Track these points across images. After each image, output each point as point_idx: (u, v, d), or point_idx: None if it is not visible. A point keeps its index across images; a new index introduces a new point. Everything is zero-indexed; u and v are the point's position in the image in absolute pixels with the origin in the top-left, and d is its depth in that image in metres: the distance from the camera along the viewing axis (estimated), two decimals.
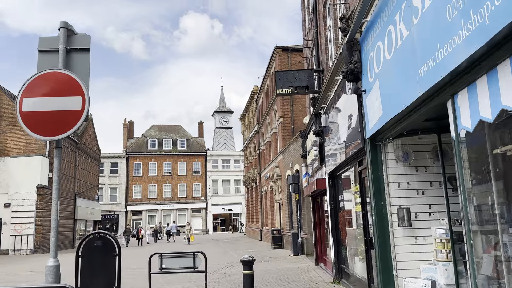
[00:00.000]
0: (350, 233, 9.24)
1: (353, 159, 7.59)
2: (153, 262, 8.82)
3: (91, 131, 39.77)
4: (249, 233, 40.98)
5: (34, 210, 26.63)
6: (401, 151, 5.86)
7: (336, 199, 10.11)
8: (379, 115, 5.29)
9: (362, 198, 7.31)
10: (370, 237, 7.08)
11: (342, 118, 7.90)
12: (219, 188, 61.75)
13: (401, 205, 5.80)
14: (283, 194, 24.36)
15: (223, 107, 68.37)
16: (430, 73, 3.68)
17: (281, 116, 24.51)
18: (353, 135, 7.10)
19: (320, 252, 13.96)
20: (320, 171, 11.71)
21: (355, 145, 6.95)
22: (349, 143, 7.51)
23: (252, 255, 19.36)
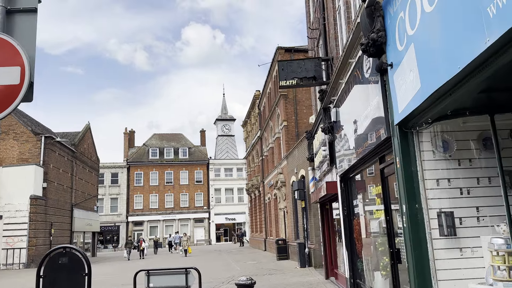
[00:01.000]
0: (368, 244, 7.97)
1: (373, 155, 6.36)
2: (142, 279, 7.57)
3: (89, 139, 38.69)
4: (253, 243, 39.57)
5: (27, 222, 25.41)
6: (440, 140, 4.62)
7: (349, 204, 8.85)
8: (415, 90, 4.07)
9: (385, 202, 6.06)
10: (397, 249, 5.82)
11: (358, 107, 6.68)
12: (222, 197, 60.39)
13: (442, 209, 4.55)
14: (287, 202, 23.06)
15: (225, 115, 67.30)
16: (509, 8, 2.46)
17: (285, 120, 23.32)
18: (372, 125, 5.88)
19: (330, 264, 12.65)
20: (329, 173, 10.47)
21: (376, 137, 5.72)
22: (367, 136, 6.28)
23: (256, 266, 18.00)
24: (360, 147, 6.72)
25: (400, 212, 4.94)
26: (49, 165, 27.97)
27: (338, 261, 11.73)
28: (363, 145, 6.62)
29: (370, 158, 6.66)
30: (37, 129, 29.03)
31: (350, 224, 8.86)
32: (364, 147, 6.59)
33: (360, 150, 6.79)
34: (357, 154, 7.16)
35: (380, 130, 5.50)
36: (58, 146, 29.84)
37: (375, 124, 5.77)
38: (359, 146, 7.00)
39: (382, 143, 5.56)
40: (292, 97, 23.47)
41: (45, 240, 26.75)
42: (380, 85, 5.20)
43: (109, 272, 20.22)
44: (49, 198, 27.69)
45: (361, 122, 6.55)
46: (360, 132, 6.71)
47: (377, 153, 6.19)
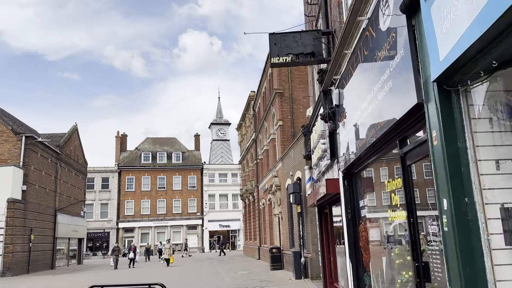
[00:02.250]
0: (378, 254, 6.44)
1: (390, 137, 4.85)
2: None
3: (76, 141, 37.02)
4: (247, 251, 37.86)
5: (3, 227, 23.67)
6: (503, 102, 3.11)
7: (354, 205, 7.33)
8: (469, 21, 2.57)
9: (408, 199, 4.53)
10: (424, 263, 4.29)
11: (370, 78, 5.18)
12: (216, 204, 58.64)
13: (506, 204, 3.03)
14: (282, 207, 21.50)
15: (220, 119, 65.80)
16: None
17: (280, 119, 21.83)
18: (391, 96, 4.38)
19: (329, 277, 11.08)
20: (330, 170, 8.95)
21: (397, 110, 4.21)
22: (381, 114, 4.77)
23: (247, 277, 16.32)
24: (373, 129, 5.20)
25: (439, 210, 3.42)
26: (30, 166, 26.29)
27: (339, 273, 10.17)
28: (375, 127, 5.11)
29: (385, 143, 5.14)
30: (19, 129, 27.40)
31: (355, 230, 7.33)
32: (376, 130, 5.08)
33: (372, 133, 5.27)
34: (366, 141, 5.65)
35: (404, 99, 3.99)
36: (40, 147, 28.19)
37: (395, 93, 4.26)
38: (369, 130, 5.49)
39: (406, 117, 4.06)
40: (288, 95, 22.02)
41: (23, 246, 24.98)
42: (407, 32, 3.70)
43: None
44: (29, 201, 25.97)
45: (373, 96, 5.04)
46: (372, 111, 5.20)
47: (396, 134, 4.67)
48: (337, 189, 7.88)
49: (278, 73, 22.22)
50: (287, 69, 22.32)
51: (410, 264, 4.91)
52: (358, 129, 6.09)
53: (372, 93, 5.09)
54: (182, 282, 16.68)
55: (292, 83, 22.12)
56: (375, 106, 5.01)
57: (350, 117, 6.60)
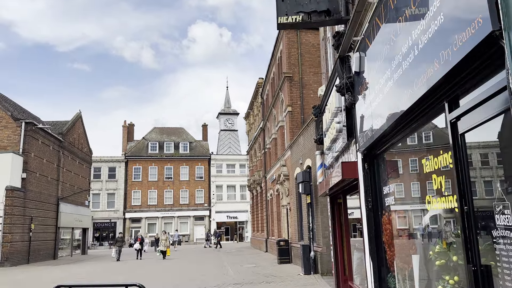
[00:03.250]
0: (407, 251, 5.28)
1: (433, 99, 3.65)
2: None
3: (79, 129, 36.16)
4: (254, 244, 36.89)
5: (1, 215, 22.89)
6: None
7: (377, 193, 6.14)
8: None
9: (460, 181, 3.33)
10: (485, 266, 3.12)
11: (406, 22, 3.95)
12: (223, 195, 57.70)
13: None
14: (291, 198, 20.36)
15: (228, 109, 64.64)
16: None
17: (289, 105, 20.60)
18: (443, 37, 3.16)
19: (342, 274, 9.93)
20: (346, 153, 7.76)
21: (450, 56, 3.00)
22: (424, 65, 3.56)
23: (253, 271, 15.21)
24: (408, 92, 3.99)
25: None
26: (30, 153, 25.45)
27: (354, 270, 9.01)
28: (411, 87, 3.90)
29: (425, 108, 3.93)
30: (19, 115, 26.53)
31: (377, 222, 6.15)
32: (412, 92, 3.88)
33: (406, 97, 4.07)
34: (395, 111, 4.45)
35: (463, 35, 2.78)
36: (41, 134, 27.32)
37: (448, 29, 3.05)
38: (400, 95, 4.29)
39: (465, 61, 2.84)
40: (297, 80, 20.75)
41: (23, 236, 24.22)
42: None
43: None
44: (29, 190, 25.17)
45: (411, 46, 3.83)
46: (407, 68, 3.99)
47: (443, 93, 3.47)
48: (355, 173, 6.69)
49: (287, 56, 20.95)
50: (297, 52, 21.06)
51: (456, 266, 3.73)
52: (385, 96, 4.88)
53: (409, 41, 3.87)
54: (181, 277, 15.69)
55: (302, 67, 20.86)
56: (414, 59, 3.79)
57: (374, 84, 5.39)
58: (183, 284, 13.37)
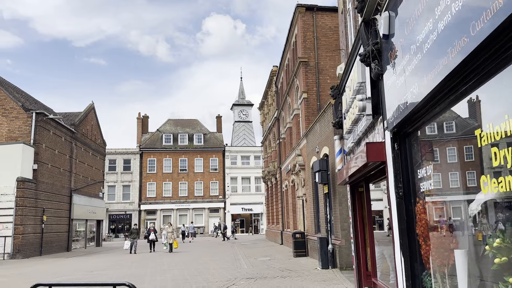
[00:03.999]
0: (447, 245, 4.40)
1: (498, 43, 2.73)
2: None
3: (92, 121, 35.83)
4: (269, 236, 36.19)
5: (13, 207, 22.63)
6: None
7: (409, 177, 5.25)
8: None
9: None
10: None
11: None
12: (238, 186, 57.08)
13: None
14: (307, 188, 19.49)
15: (242, 100, 63.79)
16: None
17: (304, 91, 19.64)
18: None
19: (364, 269, 9.07)
20: (370, 133, 6.86)
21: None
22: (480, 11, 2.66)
23: (268, 265, 14.41)
24: (460, 42, 3.08)
25: None
26: (41, 144, 25.11)
27: (378, 266, 8.15)
28: (466, 35, 3.00)
29: (486, 60, 3.02)
30: (31, 106, 26.18)
31: (409, 212, 5.26)
32: (466, 42, 2.97)
33: (455, 51, 3.16)
34: (440, 71, 3.55)
35: None
36: (53, 124, 26.97)
37: None
38: (446, 52, 3.39)
39: None
40: (313, 65, 19.76)
41: (35, 228, 23.95)
42: None
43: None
44: (40, 181, 24.87)
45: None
46: (460, 9, 3.08)
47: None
48: (382, 155, 5.79)
49: (302, 40, 19.96)
50: (313, 35, 20.05)
51: None
52: (425, 56, 3.97)
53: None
54: (192, 270, 15.02)
55: (318, 51, 19.85)
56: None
57: (409, 45, 4.48)
58: (193, 278, 12.70)
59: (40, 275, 14.59)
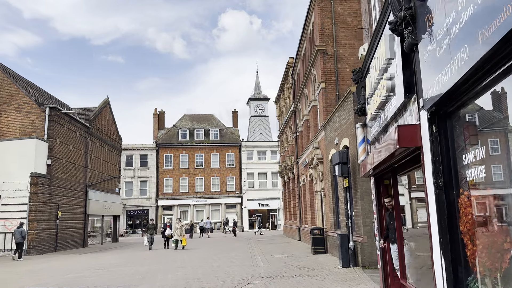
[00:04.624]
0: (499, 245, 3.58)
1: None
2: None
3: (108, 116, 35.60)
4: (286, 232, 35.45)
5: (26, 203, 22.43)
6: None
7: (450, 165, 4.42)
8: None
9: None
10: None
11: None
12: (255, 182, 56.39)
13: None
14: (325, 183, 18.65)
15: (258, 94, 62.95)
16: None
17: (322, 81, 18.75)
18: None
19: (391, 269, 8.24)
20: (401, 116, 6.02)
21: None
22: None
23: (285, 262, 13.64)
24: None
25: None
26: (55, 139, 24.87)
27: (408, 266, 7.32)
28: None
29: None
30: (45, 101, 25.94)
31: (451, 205, 4.44)
32: None
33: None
34: (499, 27, 2.73)
35: None
36: (67, 119, 26.72)
37: None
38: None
39: None
40: (331, 53, 18.84)
41: (49, 223, 23.74)
42: None
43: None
44: (55, 176, 24.64)
45: None
46: None
47: None
48: (416, 140, 4.97)
49: (320, 27, 19.05)
50: (331, 22, 19.12)
51: None
52: (477, 9, 3.15)
53: None
54: (205, 268, 14.40)
55: (337, 39, 18.91)
56: None
57: (453, 5, 3.64)
58: (206, 276, 12.06)
59: (49, 272, 14.19)
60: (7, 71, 25.98)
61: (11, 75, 25.89)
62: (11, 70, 26.97)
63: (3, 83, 24.95)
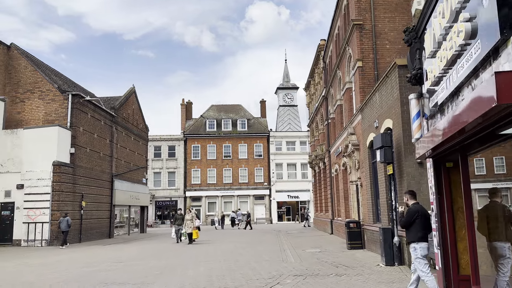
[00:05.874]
0: None
1: None
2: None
3: (134, 105, 34.89)
4: (317, 224, 33.88)
5: (49, 192, 21.83)
6: None
7: None
8: None
9: None
10: None
11: None
12: (283, 173, 54.87)
13: None
14: (362, 171, 16.99)
15: (287, 83, 61.15)
16: None
17: (359, 59, 17.00)
18: None
19: (455, 272, 6.64)
20: (485, 69, 4.41)
21: None
22: None
23: (318, 258, 11.73)
24: None
25: None
26: (79, 128, 24.17)
27: (483, 272, 5.71)
28: None
29: None
30: (70, 89, 25.27)
31: None
32: None
33: None
34: None
35: None
36: (91, 107, 26.01)
37: None
38: None
39: None
40: (369, 28, 17.05)
41: (73, 214, 23.07)
42: None
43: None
44: (78, 165, 23.98)
45: None
46: None
47: None
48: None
49: (356, 0, 17.27)
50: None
51: None
52: None
53: None
54: (230, 263, 13.11)
55: (375, 12, 17.09)
56: None
57: None
58: (230, 273, 10.76)
59: (65, 265, 13.28)
60: (30, 58, 25.45)
61: (34, 62, 25.35)
62: (34, 57, 26.46)
63: (26, 70, 24.42)
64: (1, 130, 22.77)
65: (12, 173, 22.14)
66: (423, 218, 6.83)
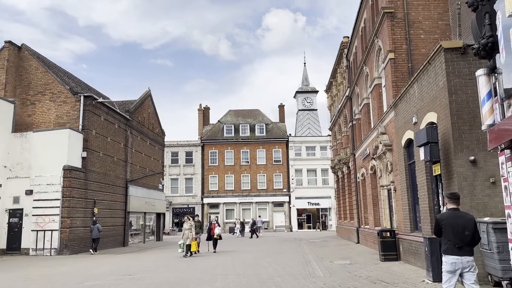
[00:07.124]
0: None
1: None
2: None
3: (149, 108, 33.87)
4: (340, 233, 32.06)
5: (59, 198, 20.75)
6: None
7: None
8: None
9: None
10: None
11: None
12: (303, 179, 53.06)
13: None
14: (396, 174, 15.30)
15: (306, 87, 59.59)
16: None
17: (391, 50, 15.40)
18: None
19: None
20: None
21: None
22: None
23: (349, 271, 8.55)
24: None
25: None
26: (91, 131, 23.13)
27: None
28: None
29: None
30: (84, 92, 24.33)
31: None
32: None
33: None
34: None
35: None
36: (104, 110, 24.99)
37: None
38: None
39: None
40: (402, 16, 15.47)
41: (85, 221, 21.98)
42: None
43: None
44: (90, 170, 22.90)
45: None
46: None
47: None
48: None
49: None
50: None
51: None
52: None
53: None
54: (249, 276, 11.60)
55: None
56: None
57: None
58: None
59: (64, 278, 11.97)
60: (42, 59, 24.63)
61: (45, 63, 24.53)
62: (46, 59, 25.66)
63: (37, 71, 23.59)
64: (10, 133, 21.88)
65: (20, 178, 21.18)
66: (449, 227, 5.76)
